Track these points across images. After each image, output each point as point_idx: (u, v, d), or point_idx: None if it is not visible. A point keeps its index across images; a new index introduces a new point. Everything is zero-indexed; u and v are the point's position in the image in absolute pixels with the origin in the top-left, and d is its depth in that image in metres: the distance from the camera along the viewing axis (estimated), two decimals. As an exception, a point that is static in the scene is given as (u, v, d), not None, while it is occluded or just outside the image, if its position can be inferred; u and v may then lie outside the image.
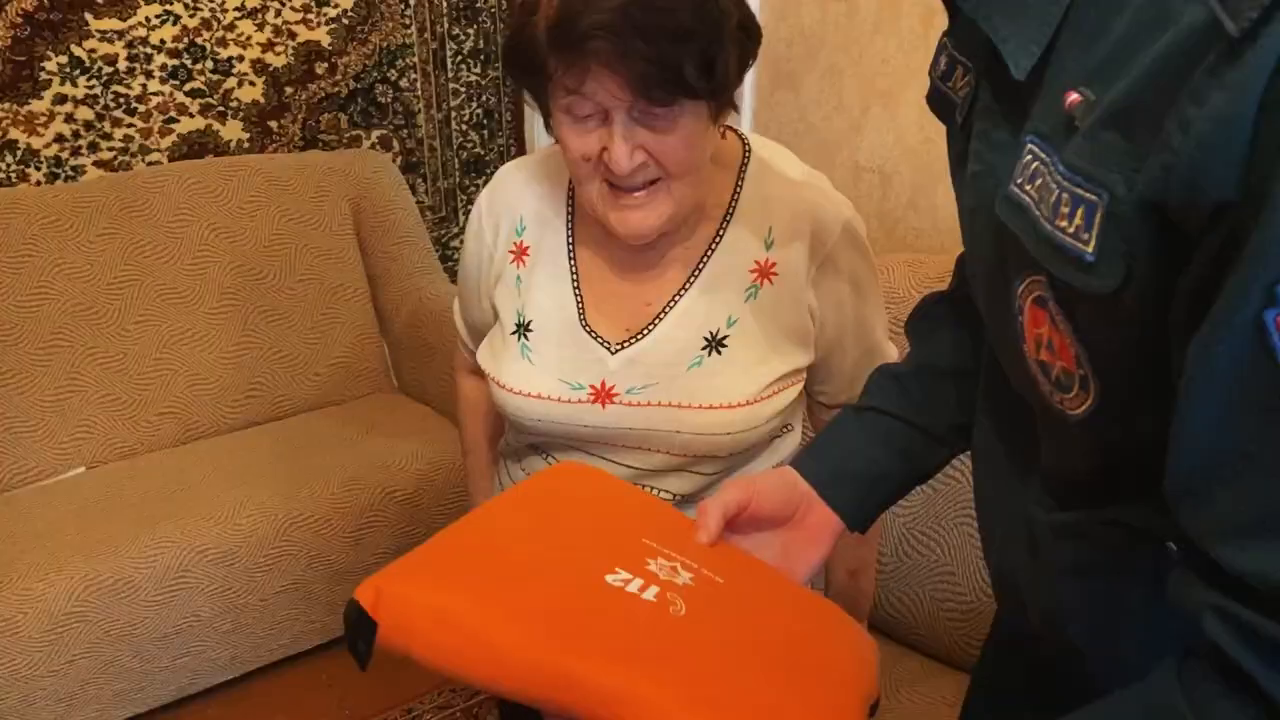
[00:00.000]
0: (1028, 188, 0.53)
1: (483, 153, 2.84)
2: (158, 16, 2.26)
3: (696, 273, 0.96)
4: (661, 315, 0.96)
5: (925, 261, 1.77)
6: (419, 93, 2.68)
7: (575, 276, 0.99)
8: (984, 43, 0.57)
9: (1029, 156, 0.53)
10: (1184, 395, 0.46)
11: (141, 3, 2.23)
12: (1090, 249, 0.48)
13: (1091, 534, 0.61)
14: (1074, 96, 0.50)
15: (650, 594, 0.63)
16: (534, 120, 2.82)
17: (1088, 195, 0.48)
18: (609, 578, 0.64)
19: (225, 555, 1.88)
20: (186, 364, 2.19)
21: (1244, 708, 0.45)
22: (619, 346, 0.96)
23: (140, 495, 1.95)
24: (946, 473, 1.40)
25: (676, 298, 0.96)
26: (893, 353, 1.06)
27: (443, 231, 2.82)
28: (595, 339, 0.97)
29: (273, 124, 2.48)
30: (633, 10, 0.76)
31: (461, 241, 1.10)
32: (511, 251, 1.01)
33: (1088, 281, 0.49)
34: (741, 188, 0.96)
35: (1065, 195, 0.50)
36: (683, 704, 0.56)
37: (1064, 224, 0.50)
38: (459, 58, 2.72)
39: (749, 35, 0.86)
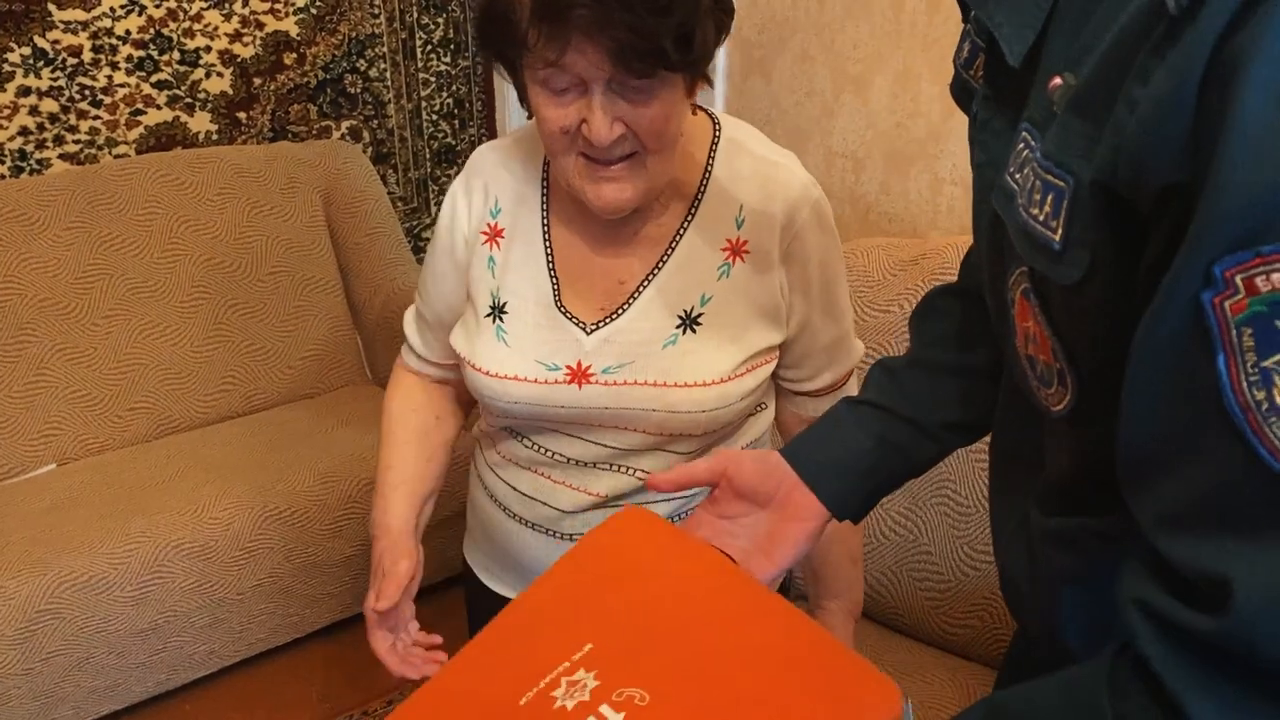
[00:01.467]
0: (1017, 176, 0.53)
1: (454, 142, 2.83)
2: (122, 7, 2.23)
3: (670, 251, 0.96)
4: (636, 294, 0.96)
5: (898, 245, 1.78)
6: (389, 83, 2.67)
7: (550, 257, 0.99)
8: (985, 30, 0.57)
9: (1021, 144, 0.53)
10: (1128, 379, 0.45)
11: (105, -7, 2.20)
12: (1058, 237, 0.48)
13: (1081, 542, 0.61)
14: (1056, 81, 0.50)
15: None
16: (506, 109, 2.81)
17: (1056, 182, 0.48)
18: None
19: (201, 550, 1.86)
20: (157, 358, 2.16)
21: (1148, 709, 0.44)
22: (594, 326, 0.96)
23: (113, 491, 1.93)
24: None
25: (650, 276, 0.96)
26: (858, 347, 1.07)
27: (414, 222, 2.81)
28: (570, 319, 0.97)
29: (241, 115, 2.46)
30: None
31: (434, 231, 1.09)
32: (484, 233, 1.01)
33: (1056, 271, 0.49)
34: (713, 166, 0.97)
35: (1039, 182, 0.49)
36: None
37: (1036, 211, 0.49)
38: (429, 47, 2.71)
39: (723, 9, 0.87)
